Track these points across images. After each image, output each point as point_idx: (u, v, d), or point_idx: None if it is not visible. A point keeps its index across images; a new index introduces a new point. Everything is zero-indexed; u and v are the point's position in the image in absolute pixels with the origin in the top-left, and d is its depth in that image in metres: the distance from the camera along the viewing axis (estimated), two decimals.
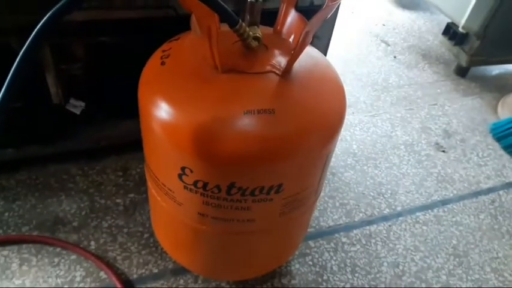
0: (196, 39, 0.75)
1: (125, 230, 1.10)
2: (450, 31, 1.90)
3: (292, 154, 0.67)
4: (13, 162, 1.20)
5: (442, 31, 1.97)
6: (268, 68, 0.69)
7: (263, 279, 1.02)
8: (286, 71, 0.68)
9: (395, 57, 1.98)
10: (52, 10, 0.53)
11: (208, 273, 0.95)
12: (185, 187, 0.72)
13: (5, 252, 1.03)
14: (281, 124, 0.65)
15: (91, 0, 0.94)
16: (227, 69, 0.68)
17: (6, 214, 1.10)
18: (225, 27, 0.68)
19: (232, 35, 0.68)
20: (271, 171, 0.68)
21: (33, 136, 1.20)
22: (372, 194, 1.27)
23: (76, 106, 1.24)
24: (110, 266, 1.01)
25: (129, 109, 1.27)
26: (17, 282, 0.97)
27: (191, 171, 0.69)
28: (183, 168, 0.69)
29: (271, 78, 0.68)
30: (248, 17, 0.68)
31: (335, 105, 0.73)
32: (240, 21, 0.65)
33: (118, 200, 1.17)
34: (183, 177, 0.70)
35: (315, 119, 0.68)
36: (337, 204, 1.21)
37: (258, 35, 0.68)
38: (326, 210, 1.19)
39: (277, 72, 0.68)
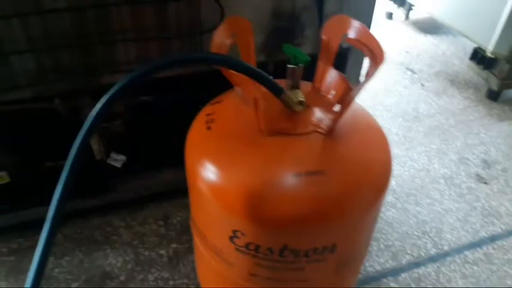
0: (239, 103, 0.77)
1: (171, 283, 1.10)
2: (478, 56, 1.88)
3: (345, 214, 0.67)
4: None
5: (467, 55, 1.96)
6: (312, 128, 0.70)
7: None
8: (331, 130, 0.69)
9: (422, 84, 1.96)
10: (106, 97, 0.56)
11: None
12: (237, 249, 0.72)
13: None
14: (331, 184, 0.66)
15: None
16: (272, 132, 0.69)
17: (56, 270, 1.12)
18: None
19: (274, 103, 0.69)
20: (324, 232, 0.68)
21: (76, 191, 1.23)
22: (416, 233, 1.24)
23: (117, 160, 1.27)
24: None
25: (166, 160, 1.31)
26: None
27: (243, 234, 0.69)
28: (234, 232, 0.69)
29: (316, 138, 0.69)
30: (290, 81, 0.70)
31: (381, 156, 0.73)
32: (284, 90, 0.66)
33: (161, 251, 1.18)
34: (235, 239, 0.70)
35: (364, 176, 0.69)
36: (382, 246, 1.19)
37: (301, 99, 0.70)
38: (372, 254, 1.16)
39: (322, 131, 0.69)
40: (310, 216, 0.65)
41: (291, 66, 0.69)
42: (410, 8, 2.49)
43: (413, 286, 1.10)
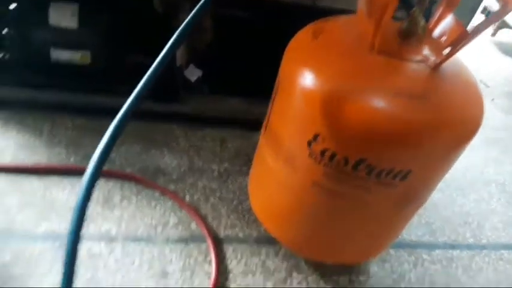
0: (351, 21, 0.80)
1: (217, 194, 1.16)
2: None
3: (433, 142, 0.69)
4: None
5: None
6: (421, 58, 0.72)
7: (341, 270, 1.03)
8: (439, 64, 0.71)
9: (493, 99, 1.94)
10: None
11: (295, 247, 0.97)
12: (310, 154, 0.75)
13: (109, 185, 1.12)
14: (427, 111, 0.68)
15: None
16: (382, 51, 0.72)
17: (113, 154, 1.20)
18: None
19: (391, 24, 0.72)
20: (405, 156, 0.70)
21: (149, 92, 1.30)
22: (458, 220, 1.24)
23: (193, 74, 1.33)
24: (203, 219, 1.07)
25: (238, 89, 1.36)
26: (117, 213, 1.05)
27: (323, 139, 0.72)
28: (315, 136, 0.73)
29: (422, 68, 0.72)
30: (417, 6, 0.72)
31: (476, 108, 0.74)
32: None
33: (214, 166, 1.24)
34: (313, 144, 0.74)
35: (459, 115, 0.71)
36: (423, 221, 1.21)
37: (424, 24, 0.72)
38: (411, 225, 1.18)
39: (429, 63, 0.72)
40: (398, 135, 0.67)
41: None
42: (501, 26, 2.45)
43: (445, 263, 1.11)
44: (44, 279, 0.89)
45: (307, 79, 0.73)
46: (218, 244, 1.03)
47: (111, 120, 0.59)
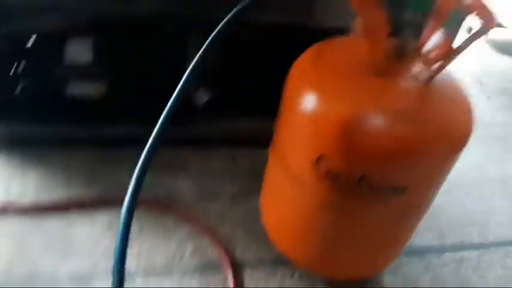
0: (349, 43, 0.85)
1: (231, 217, 1.19)
2: None
3: (428, 155, 0.75)
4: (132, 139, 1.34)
5: None
6: (412, 75, 0.78)
7: (357, 285, 1.07)
8: (430, 79, 0.77)
9: (488, 97, 1.97)
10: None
11: (308, 265, 1.00)
12: (315, 174, 0.80)
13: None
14: (421, 127, 0.73)
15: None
16: (378, 72, 0.77)
17: (124, 181, 1.23)
18: None
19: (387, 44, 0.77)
20: (403, 170, 0.76)
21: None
22: (464, 221, 1.28)
23: (202, 96, 1.34)
24: (219, 244, 1.10)
25: (248, 108, 1.39)
26: (135, 248, 1.08)
27: (327, 160, 0.77)
28: (319, 158, 0.77)
29: (414, 85, 0.78)
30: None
31: (466, 119, 0.80)
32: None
33: (226, 188, 1.27)
34: (317, 165, 0.78)
35: (451, 128, 0.76)
36: (429, 225, 1.24)
37: (413, 45, 0.77)
38: (420, 229, 1.21)
39: (421, 80, 0.77)
40: (397, 152, 0.73)
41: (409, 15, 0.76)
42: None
43: (454, 265, 1.15)
44: None
45: (309, 101, 0.77)
46: (235, 269, 1.06)
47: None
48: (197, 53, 0.73)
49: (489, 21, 0.69)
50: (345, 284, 1.05)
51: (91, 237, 1.10)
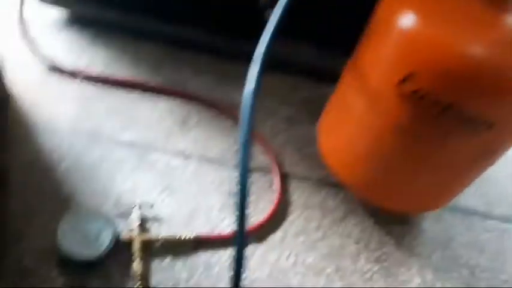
0: None
1: (284, 134, 1.20)
2: None
3: None
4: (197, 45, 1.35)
5: None
6: None
7: (395, 221, 1.07)
8: None
9: None
10: None
11: (364, 190, 0.99)
12: (399, 94, 0.77)
13: (187, 108, 1.19)
14: None
15: None
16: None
17: (188, 84, 1.26)
18: None
19: None
20: (494, 103, 0.72)
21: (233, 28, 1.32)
22: None
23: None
24: (271, 152, 1.12)
25: (313, 36, 1.36)
26: (192, 135, 1.12)
27: (417, 79, 0.74)
28: (409, 75, 0.75)
29: None
30: None
31: None
32: None
33: (282, 110, 1.27)
34: (404, 84, 0.76)
35: None
36: (479, 193, 1.22)
37: None
38: (467, 193, 1.19)
39: None
40: (492, 82, 0.69)
41: None
42: None
43: (497, 234, 1.13)
44: (122, 186, 0.98)
45: (409, 19, 0.74)
46: (282, 177, 1.08)
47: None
48: None
49: None
50: (384, 218, 1.06)
51: (152, 117, 1.14)
